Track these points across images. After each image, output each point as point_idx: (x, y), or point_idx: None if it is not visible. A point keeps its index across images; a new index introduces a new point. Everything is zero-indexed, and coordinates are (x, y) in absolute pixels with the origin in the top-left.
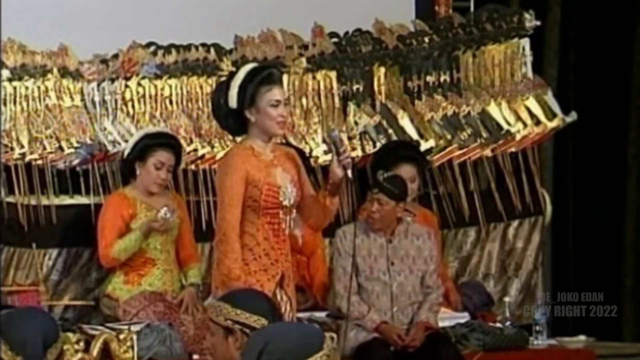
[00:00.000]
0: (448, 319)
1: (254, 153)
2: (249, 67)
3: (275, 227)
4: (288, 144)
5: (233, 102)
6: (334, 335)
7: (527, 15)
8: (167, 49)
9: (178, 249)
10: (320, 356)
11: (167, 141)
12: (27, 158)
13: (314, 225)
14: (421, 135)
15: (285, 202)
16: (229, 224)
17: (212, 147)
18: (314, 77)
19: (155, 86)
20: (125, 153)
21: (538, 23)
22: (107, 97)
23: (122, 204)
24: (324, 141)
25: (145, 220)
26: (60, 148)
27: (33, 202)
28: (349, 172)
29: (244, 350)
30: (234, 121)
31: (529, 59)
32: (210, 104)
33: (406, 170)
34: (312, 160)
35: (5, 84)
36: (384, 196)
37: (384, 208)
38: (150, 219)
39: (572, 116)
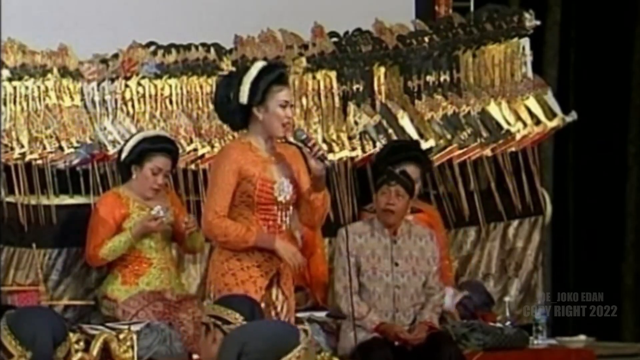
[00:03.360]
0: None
1: (250, 148)
2: (260, 64)
3: (271, 223)
4: (289, 143)
5: (244, 97)
6: (308, 329)
7: (527, 15)
8: (167, 49)
9: (178, 245)
10: (298, 351)
11: (165, 146)
12: (27, 158)
13: (306, 223)
14: (421, 135)
15: (280, 198)
16: (215, 215)
17: (212, 147)
18: (314, 77)
19: (155, 86)
20: (122, 156)
21: (538, 23)
22: (107, 97)
23: (115, 204)
24: (324, 141)
25: (139, 220)
26: (60, 148)
27: (33, 202)
28: (327, 163)
29: (221, 352)
30: (239, 116)
31: (529, 59)
32: (212, 101)
33: (410, 170)
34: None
35: (5, 84)
36: (401, 188)
37: (400, 201)
38: (144, 218)
39: (572, 116)
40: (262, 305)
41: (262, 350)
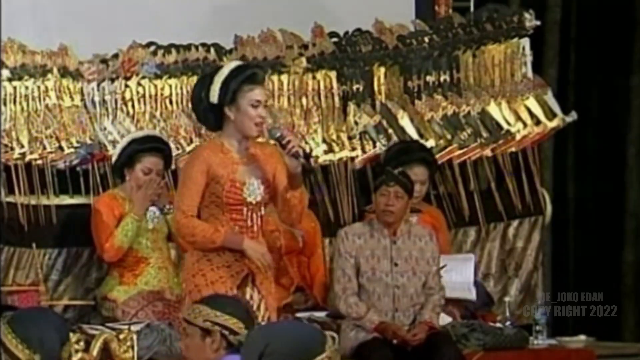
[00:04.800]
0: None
1: (222, 149)
2: (233, 64)
3: (241, 224)
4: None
5: (214, 97)
6: (335, 335)
7: (527, 15)
8: (167, 49)
9: (176, 244)
10: (322, 359)
11: (155, 146)
12: (27, 158)
13: (284, 220)
14: (421, 135)
15: (250, 199)
16: (183, 214)
17: None
18: (314, 77)
19: (155, 86)
20: (113, 159)
21: (538, 23)
22: (107, 97)
23: (113, 204)
24: (324, 141)
25: (135, 198)
26: (60, 148)
27: (33, 202)
28: (302, 159)
29: (243, 350)
30: (212, 116)
31: (529, 59)
32: (190, 98)
33: (419, 172)
34: (312, 160)
35: (5, 84)
36: (400, 189)
37: (399, 202)
38: (140, 191)
39: (572, 116)
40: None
41: (284, 352)
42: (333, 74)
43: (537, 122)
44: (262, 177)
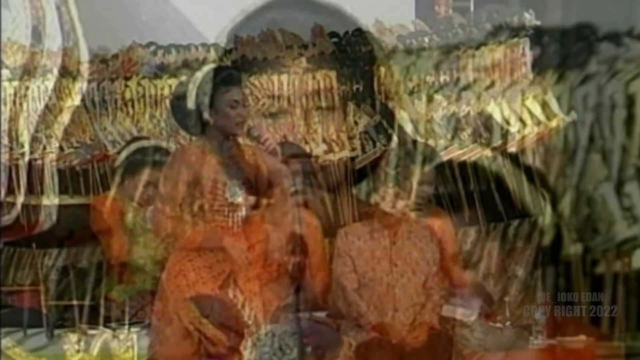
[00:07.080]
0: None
1: (204, 150)
2: (207, 68)
3: (223, 225)
4: (285, 143)
5: (191, 103)
6: (353, 342)
7: (527, 15)
8: (167, 49)
9: None
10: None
11: (159, 159)
12: (27, 158)
13: (265, 221)
14: (421, 136)
15: (231, 200)
16: (162, 214)
17: None
18: (314, 77)
19: (155, 86)
20: (116, 163)
21: (538, 23)
22: (107, 97)
23: (113, 205)
24: (324, 141)
25: None
26: (60, 148)
27: (33, 202)
28: (279, 156)
29: (259, 345)
30: (192, 122)
31: (529, 59)
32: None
33: (427, 172)
34: (312, 160)
35: (5, 84)
36: (400, 190)
37: (400, 203)
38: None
39: (572, 116)
40: (217, 304)
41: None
42: (333, 74)
43: (537, 122)
44: (244, 178)
